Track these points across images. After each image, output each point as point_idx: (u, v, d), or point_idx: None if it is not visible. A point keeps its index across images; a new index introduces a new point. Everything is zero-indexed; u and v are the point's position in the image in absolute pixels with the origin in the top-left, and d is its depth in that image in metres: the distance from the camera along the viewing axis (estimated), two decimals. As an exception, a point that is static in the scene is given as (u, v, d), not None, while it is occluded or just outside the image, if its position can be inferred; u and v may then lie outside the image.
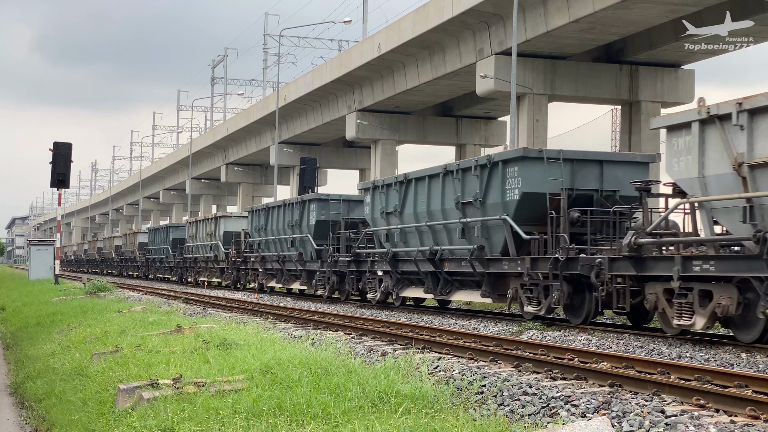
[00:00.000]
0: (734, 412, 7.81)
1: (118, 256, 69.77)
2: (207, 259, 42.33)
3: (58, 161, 36.44)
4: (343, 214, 27.81)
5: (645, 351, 12.83)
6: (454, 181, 20.00)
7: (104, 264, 77.21)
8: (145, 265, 58.65)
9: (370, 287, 24.39)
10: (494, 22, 35.68)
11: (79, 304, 21.20)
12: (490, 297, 19.11)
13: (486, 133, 52.29)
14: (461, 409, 7.83)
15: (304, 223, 29.12)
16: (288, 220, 30.44)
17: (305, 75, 53.88)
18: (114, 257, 71.66)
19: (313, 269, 28.31)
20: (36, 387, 11.11)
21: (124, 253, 66.95)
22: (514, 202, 17.83)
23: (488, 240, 19.02)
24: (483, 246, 19.03)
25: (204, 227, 43.24)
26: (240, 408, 7.24)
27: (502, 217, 18.00)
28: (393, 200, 23.21)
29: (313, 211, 28.36)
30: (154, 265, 56.02)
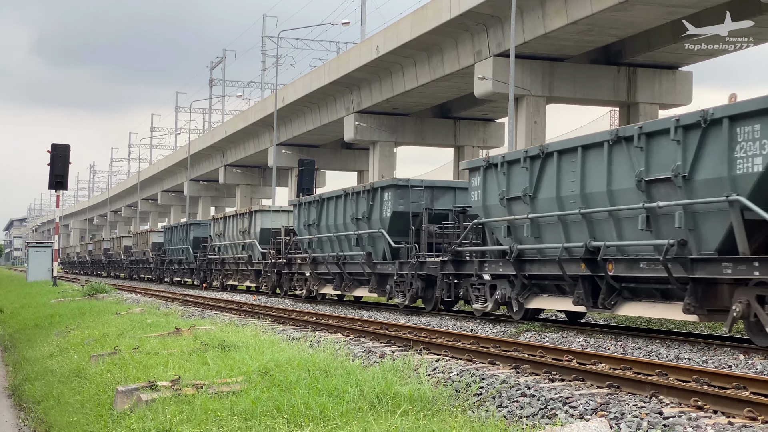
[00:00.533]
0: (732, 413, 7.82)
1: (127, 258, 63.84)
2: (238, 260, 37.09)
3: (56, 163, 36.42)
4: (426, 204, 22.68)
5: (643, 352, 12.85)
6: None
7: (111, 266, 71.97)
8: (159, 268, 53.16)
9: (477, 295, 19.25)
10: (492, 23, 35.72)
11: (77, 305, 21.19)
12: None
13: (484, 135, 52.35)
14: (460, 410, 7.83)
15: (375, 216, 23.70)
16: (352, 213, 24.96)
17: (303, 77, 53.91)
18: (123, 259, 65.68)
19: (388, 272, 23.12)
20: (34, 389, 11.10)
21: (134, 255, 61.40)
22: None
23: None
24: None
25: (235, 224, 37.46)
26: (238, 410, 7.24)
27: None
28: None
29: (389, 200, 23.07)
30: (171, 268, 50.33)
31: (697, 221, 13.44)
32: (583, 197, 15.63)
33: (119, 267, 68.21)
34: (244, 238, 35.75)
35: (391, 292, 22.84)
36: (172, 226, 52.49)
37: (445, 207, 22.63)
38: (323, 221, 27.26)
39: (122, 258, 65.69)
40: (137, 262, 60.70)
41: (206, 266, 42.06)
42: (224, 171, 76.87)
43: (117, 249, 69.78)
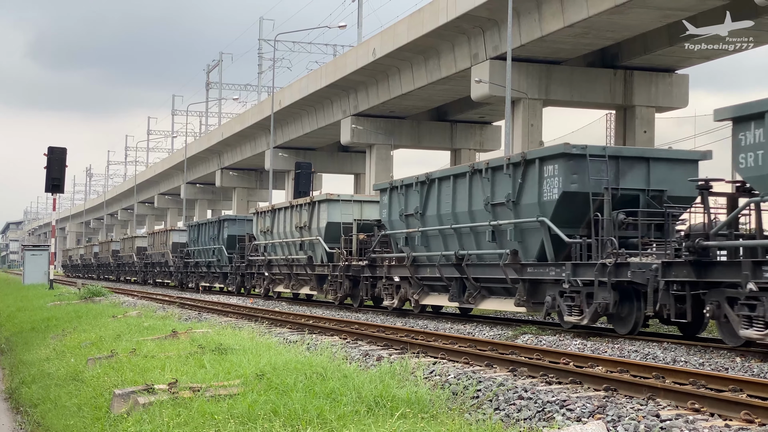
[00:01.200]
0: (729, 416, 7.83)
1: (141, 260, 56.66)
2: (291, 262, 30.24)
3: (52, 166, 36.41)
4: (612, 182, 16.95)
5: (640, 355, 12.86)
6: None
7: (121, 269, 65.43)
8: (182, 271, 46.33)
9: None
10: (489, 27, 35.75)
11: (73, 309, 21.17)
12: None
13: (481, 138, 52.37)
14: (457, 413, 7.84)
15: (528, 200, 17.81)
16: (485, 197, 19.12)
17: (300, 80, 53.92)
18: (136, 261, 58.78)
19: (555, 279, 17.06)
20: (31, 392, 11.09)
21: (150, 257, 54.44)
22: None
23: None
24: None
25: (288, 218, 30.65)
26: (235, 413, 7.24)
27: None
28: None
29: (555, 177, 16.93)
30: (198, 271, 43.69)
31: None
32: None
33: (130, 270, 61.65)
34: (302, 235, 29.03)
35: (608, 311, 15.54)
36: (199, 223, 45.32)
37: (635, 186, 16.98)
38: (431, 209, 21.19)
39: (135, 260, 59.18)
40: (154, 265, 53.67)
41: (247, 270, 35.11)
42: (221, 174, 76.85)
43: (128, 250, 62.96)
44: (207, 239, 42.43)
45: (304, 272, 29.10)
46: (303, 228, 29.05)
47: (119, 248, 67.76)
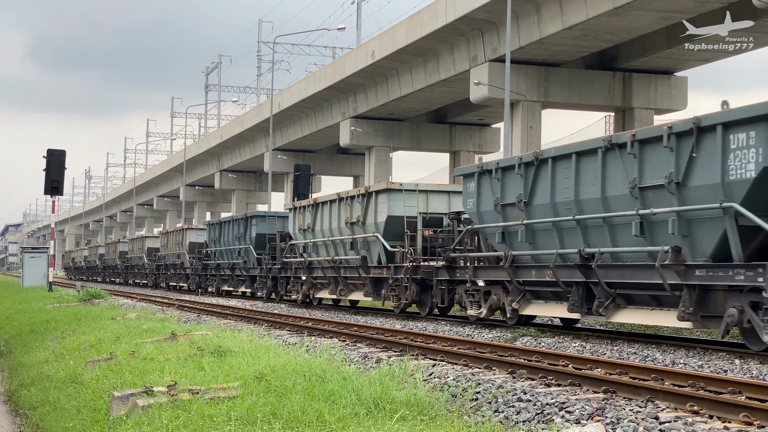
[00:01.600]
0: (728, 418, 7.83)
1: (152, 262, 52.50)
2: (339, 264, 25.60)
3: (51, 168, 36.42)
4: None
5: (639, 357, 12.86)
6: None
7: (130, 272, 61.13)
8: (199, 274, 42.39)
9: None
10: (488, 29, 35.78)
11: (72, 311, 21.16)
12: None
13: (480, 140, 52.42)
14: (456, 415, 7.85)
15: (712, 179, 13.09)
16: (630, 179, 14.51)
17: (299, 82, 53.95)
18: (146, 263, 54.55)
19: None
20: (30, 394, 11.09)
21: (162, 258, 50.58)
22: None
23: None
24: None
25: (336, 213, 26.05)
26: (235, 415, 7.24)
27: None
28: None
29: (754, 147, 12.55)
30: (220, 275, 39.38)
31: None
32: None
33: (140, 273, 57.48)
34: (354, 232, 24.72)
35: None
36: (222, 220, 40.06)
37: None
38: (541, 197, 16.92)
39: (145, 263, 55.17)
40: (166, 267, 49.68)
41: (279, 272, 31.00)
42: (220, 176, 76.88)
43: (137, 252, 59.13)
44: (231, 238, 37.68)
45: (356, 275, 24.58)
46: (356, 224, 24.51)
47: (127, 249, 62.97)
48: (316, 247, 27.37)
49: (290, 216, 30.00)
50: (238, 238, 36.66)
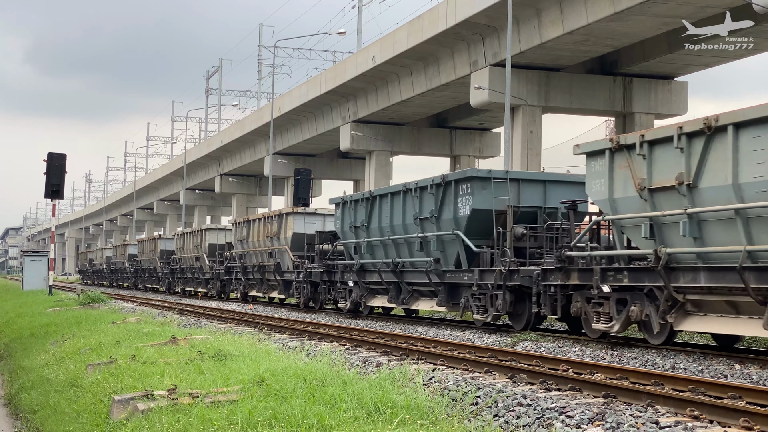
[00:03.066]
0: (728, 423, 7.83)
1: (217, 264, 39.16)
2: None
3: (52, 172, 36.42)
4: None
5: (639, 362, 12.86)
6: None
7: (176, 276, 47.34)
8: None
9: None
10: (488, 33, 35.81)
11: (73, 315, 21.15)
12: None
13: (480, 145, 52.44)
14: (456, 420, 7.85)
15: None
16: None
17: (300, 86, 53.99)
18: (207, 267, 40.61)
19: None
20: (30, 398, 11.09)
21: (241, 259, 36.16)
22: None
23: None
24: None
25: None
26: (235, 419, 7.24)
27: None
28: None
29: None
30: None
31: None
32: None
33: (195, 279, 43.65)
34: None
35: None
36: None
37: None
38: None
39: (203, 265, 41.43)
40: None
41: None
42: (220, 180, 76.90)
43: (190, 251, 44.13)
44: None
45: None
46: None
47: (175, 248, 48.99)
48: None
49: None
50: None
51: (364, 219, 23.89)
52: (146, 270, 55.26)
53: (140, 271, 57.25)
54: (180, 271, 46.09)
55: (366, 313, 24.63)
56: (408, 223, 21.80)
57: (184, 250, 45.79)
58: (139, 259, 58.09)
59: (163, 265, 50.23)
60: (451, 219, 19.77)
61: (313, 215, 31.23)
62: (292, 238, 30.55)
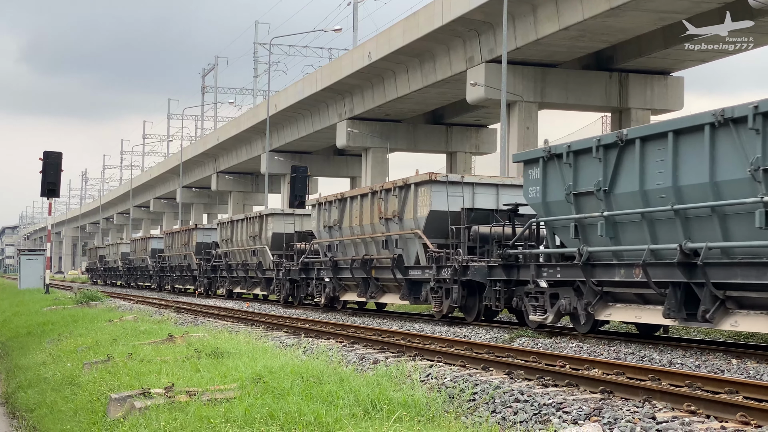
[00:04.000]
0: (725, 418, 7.84)
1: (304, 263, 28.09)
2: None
3: (48, 170, 36.39)
4: None
5: (636, 358, 12.87)
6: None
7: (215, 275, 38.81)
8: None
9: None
10: (484, 30, 35.80)
11: (69, 313, 21.13)
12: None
13: (476, 141, 52.45)
14: (453, 416, 7.85)
15: None
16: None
17: (296, 83, 53.96)
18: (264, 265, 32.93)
19: None
20: (27, 397, 11.08)
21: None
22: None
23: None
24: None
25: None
26: (232, 417, 7.24)
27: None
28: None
29: None
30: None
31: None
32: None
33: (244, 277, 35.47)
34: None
35: None
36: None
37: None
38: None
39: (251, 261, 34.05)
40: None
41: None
42: (217, 178, 76.86)
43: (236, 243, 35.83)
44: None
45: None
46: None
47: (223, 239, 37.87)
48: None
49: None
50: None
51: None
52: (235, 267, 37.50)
53: (166, 270, 48.08)
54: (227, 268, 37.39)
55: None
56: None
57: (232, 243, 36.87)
58: (167, 255, 48.31)
59: (201, 261, 41.00)
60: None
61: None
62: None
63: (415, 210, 21.36)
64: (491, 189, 21.58)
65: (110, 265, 68.17)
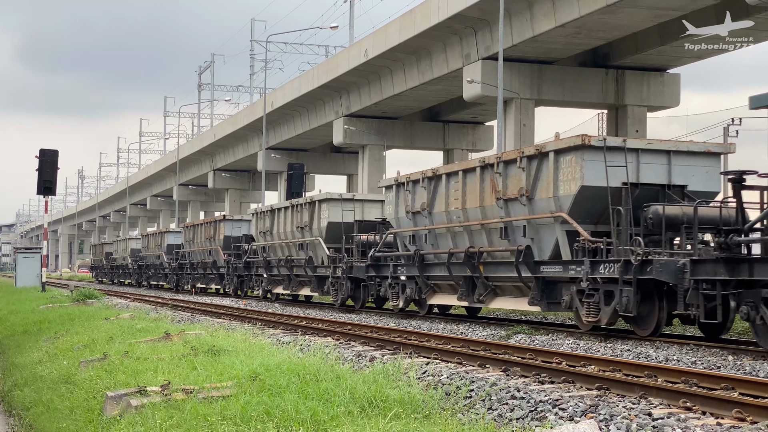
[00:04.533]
0: (721, 414, 7.85)
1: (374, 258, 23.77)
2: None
3: (44, 168, 36.36)
4: None
5: (632, 354, 12.89)
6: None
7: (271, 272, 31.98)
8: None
9: None
10: (481, 27, 35.78)
11: (66, 311, 21.12)
12: None
13: (473, 138, 52.43)
14: (450, 413, 7.85)
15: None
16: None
17: (292, 81, 53.90)
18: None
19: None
20: (23, 395, 11.07)
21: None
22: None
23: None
24: None
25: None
26: (228, 414, 7.24)
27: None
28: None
29: None
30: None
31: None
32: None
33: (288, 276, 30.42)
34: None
35: None
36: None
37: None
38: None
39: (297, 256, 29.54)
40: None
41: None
42: (213, 175, 76.78)
43: (278, 235, 31.25)
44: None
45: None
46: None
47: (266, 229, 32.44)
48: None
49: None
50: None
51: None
52: (198, 265, 40.60)
53: (186, 267, 43.82)
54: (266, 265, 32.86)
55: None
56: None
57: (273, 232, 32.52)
58: (187, 250, 43.49)
59: (230, 257, 36.28)
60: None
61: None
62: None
63: (556, 186, 16.47)
64: (662, 157, 16.39)
65: (118, 262, 63.10)
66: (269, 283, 31.93)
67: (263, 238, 32.50)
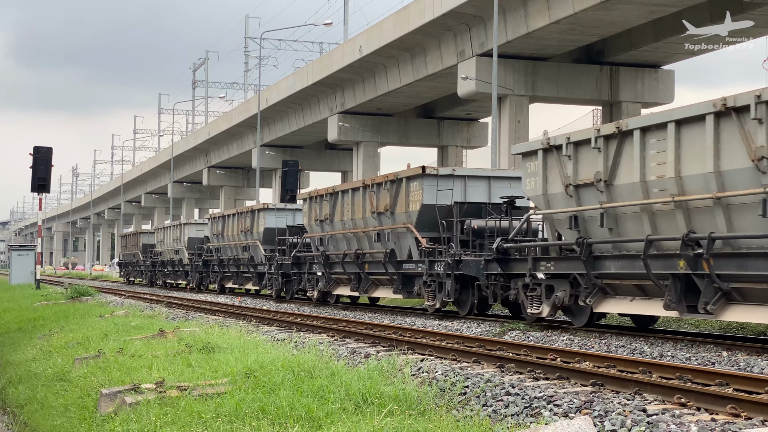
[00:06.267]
0: (715, 410, 7.85)
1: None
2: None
3: (38, 165, 36.27)
4: None
5: (627, 350, 12.90)
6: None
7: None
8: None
9: None
10: (475, 23, 35.78)
11: (60, 309, 21.10)
12: None
13: (468, 135, 52.45)
14: (444, 410, 7.85)
15: None
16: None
17: (287, 78, 53.87)
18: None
19: None
20: (18, 392, 11.05)
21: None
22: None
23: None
24: None
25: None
26: (223, 411, 7.23)
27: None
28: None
29: None
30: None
31: None
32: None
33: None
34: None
35: None
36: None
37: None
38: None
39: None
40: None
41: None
42: (208, 172, 76.72)
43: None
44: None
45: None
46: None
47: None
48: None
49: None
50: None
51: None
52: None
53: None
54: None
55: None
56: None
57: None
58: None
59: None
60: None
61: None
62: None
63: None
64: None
65: (158, 258, 47.91)
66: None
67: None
